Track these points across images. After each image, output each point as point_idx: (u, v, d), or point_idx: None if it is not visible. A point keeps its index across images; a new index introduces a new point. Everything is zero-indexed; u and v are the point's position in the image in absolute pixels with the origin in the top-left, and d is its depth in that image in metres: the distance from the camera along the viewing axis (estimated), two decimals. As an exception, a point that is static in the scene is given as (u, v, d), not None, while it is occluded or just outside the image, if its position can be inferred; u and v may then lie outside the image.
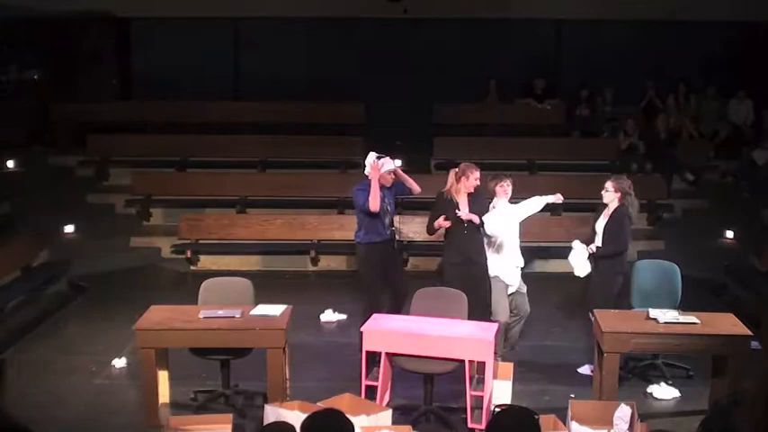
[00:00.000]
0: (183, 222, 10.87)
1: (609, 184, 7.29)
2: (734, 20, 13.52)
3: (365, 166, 7.58)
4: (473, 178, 7.27)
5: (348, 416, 3.36)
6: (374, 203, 7.32)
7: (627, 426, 5.75)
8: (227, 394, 6.62)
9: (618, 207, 7.24)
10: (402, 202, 9.60)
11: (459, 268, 7.26)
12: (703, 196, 12.22)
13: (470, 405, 6.11)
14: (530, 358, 7.57)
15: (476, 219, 7.19)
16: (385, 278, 7.61)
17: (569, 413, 5.89)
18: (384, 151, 7.71)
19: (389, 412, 5.86)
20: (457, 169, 7.39)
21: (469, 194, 7.33)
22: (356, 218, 7.69)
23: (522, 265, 7.58)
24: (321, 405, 5.61)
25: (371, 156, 7.50)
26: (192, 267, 10.77)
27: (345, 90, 13.54)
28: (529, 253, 10.62)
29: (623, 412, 5.80)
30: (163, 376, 6.53)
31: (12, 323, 8.56)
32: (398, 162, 7.72)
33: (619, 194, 7.23)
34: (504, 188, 7.42)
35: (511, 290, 7.43)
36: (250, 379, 6.78)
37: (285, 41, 14.12)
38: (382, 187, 7.44)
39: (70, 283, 9.93)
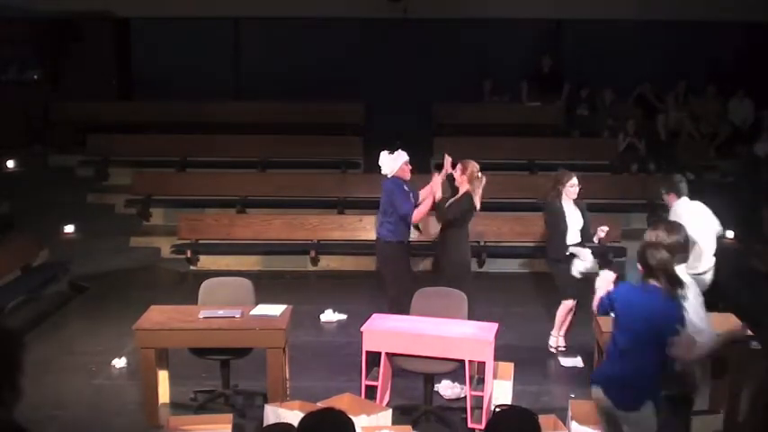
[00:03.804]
0: (182, 222, 10.88)
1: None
2: (734, 20, 13.52)
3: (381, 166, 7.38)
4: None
5: (348, 416, 3.34)
6: (417, 217, 7.37)
7: (627, 426, 5.73)
8: (227, 394, 6.62)
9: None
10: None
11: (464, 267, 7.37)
12: (703, 196, 12.18)
13: (470, 405, 6.11)
14: (530, 358, 7.56)
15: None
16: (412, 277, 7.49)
17: (569, 413, 5.88)
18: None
19: (389, 412, 5.85)
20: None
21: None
22: (384, 215, 7.40)
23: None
24: (321, 405, 5.60)
25: (384, 154, 7.35)
26: (191, 267, 10.77)
27: (345, 90, 13.53)
28: (529, 253, 10.77)
29: (623, 412, 5.78)
30: (163, 376, 6.52)
31: (12, 323, 8.55)
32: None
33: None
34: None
35: None
36: (250, 379, 6.78)
37: (285, 41, 14.12)
38: (406, 182, 7.36)
39: (70, 283, 9.93)
